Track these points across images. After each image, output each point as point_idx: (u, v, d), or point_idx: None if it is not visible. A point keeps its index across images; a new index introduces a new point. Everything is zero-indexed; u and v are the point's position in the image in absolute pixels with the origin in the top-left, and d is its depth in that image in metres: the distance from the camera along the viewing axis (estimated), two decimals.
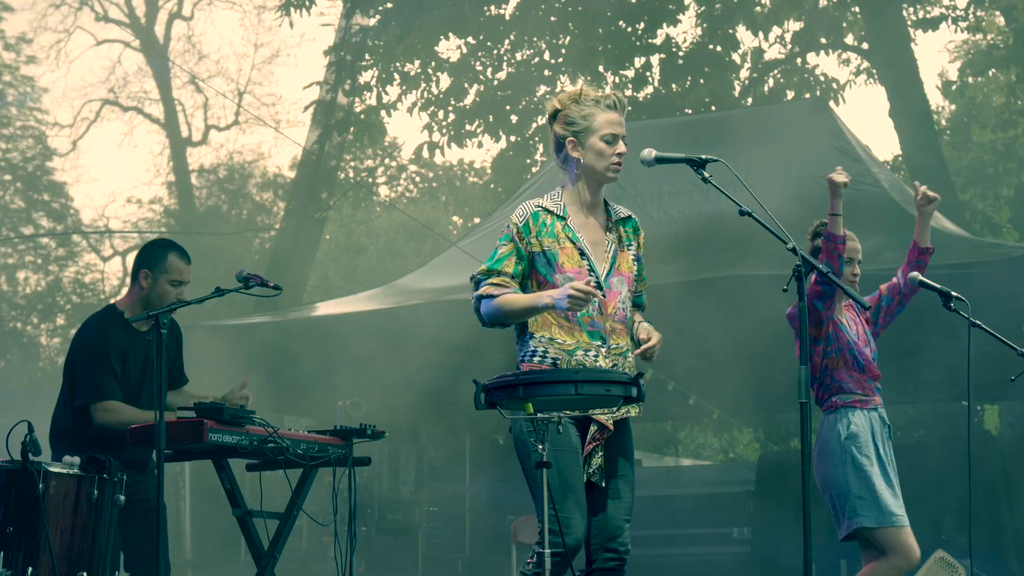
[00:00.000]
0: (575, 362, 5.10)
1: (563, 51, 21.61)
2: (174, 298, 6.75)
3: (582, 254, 5.23)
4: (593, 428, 5.16)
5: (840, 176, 6.61)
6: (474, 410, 4.75)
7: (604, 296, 5.12)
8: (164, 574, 6.24)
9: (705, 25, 21.80)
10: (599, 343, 5.18)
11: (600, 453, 5.17)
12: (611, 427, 5.17)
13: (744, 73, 22.70)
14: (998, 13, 22.74)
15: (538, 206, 5.28)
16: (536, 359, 5.14)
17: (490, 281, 5.18)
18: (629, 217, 5.48)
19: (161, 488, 5.78)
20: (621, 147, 5.27)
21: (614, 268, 5.31)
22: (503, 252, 5.22)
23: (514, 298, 5.13)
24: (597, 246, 5.30)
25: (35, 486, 5.61)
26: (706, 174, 5.12)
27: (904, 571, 6.76)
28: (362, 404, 12.78)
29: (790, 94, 22.04)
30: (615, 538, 5.11)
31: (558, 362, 5.10)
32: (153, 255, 6.85)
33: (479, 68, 21.98)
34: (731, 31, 21.51)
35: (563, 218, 5.26)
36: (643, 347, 5.20)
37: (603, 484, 5.15)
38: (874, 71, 22.09)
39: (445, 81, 22.01)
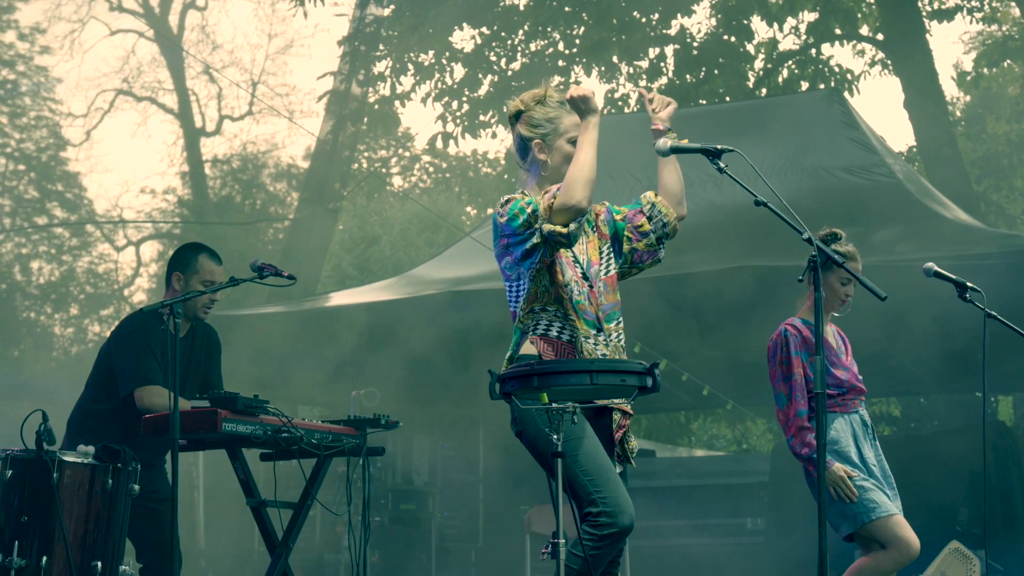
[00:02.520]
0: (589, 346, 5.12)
1: (577, 42, 21.59)
2: (207, 299, 6.83)
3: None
4: (617, 416, 5.18)
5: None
6: (488, 400, 4.75)
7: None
8: (177, 565, 6.25)
9: (720, 16, 21.76)
10: (595, 332, 5.18)
11: (631, 436, 5.22)
12: (631, 411, 5.19)
13: (759, 64, 22.67)
14: (1013, 4, 22.67)
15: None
16: (552, 333, 5.13)
17: (543, 203, 5.08)
18: None
19: (176, 479, 5.79)
20: None
21: (590, 260, 5.30)
22: (525, 202, 5.13)
23: (576, 159, 5.07)
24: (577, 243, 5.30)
25: (50, 475, 5.62)
26: (721, 164, 5.11)
27: (902, 564, 6.77)
28: (376, 394, 12.76)
29: (804, 85, 22.01)
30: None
31: (575, 340, 5.11)
32: (184, 257, 6.95)
33: (493, 58, 21.95)
34: (746, 22, 21.47)
35: None
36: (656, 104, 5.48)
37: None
38: (889, 62, 22.06)
39: (459, 71, 22.00)
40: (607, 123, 5.73)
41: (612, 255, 5.40)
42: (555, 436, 4.64)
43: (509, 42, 21.87)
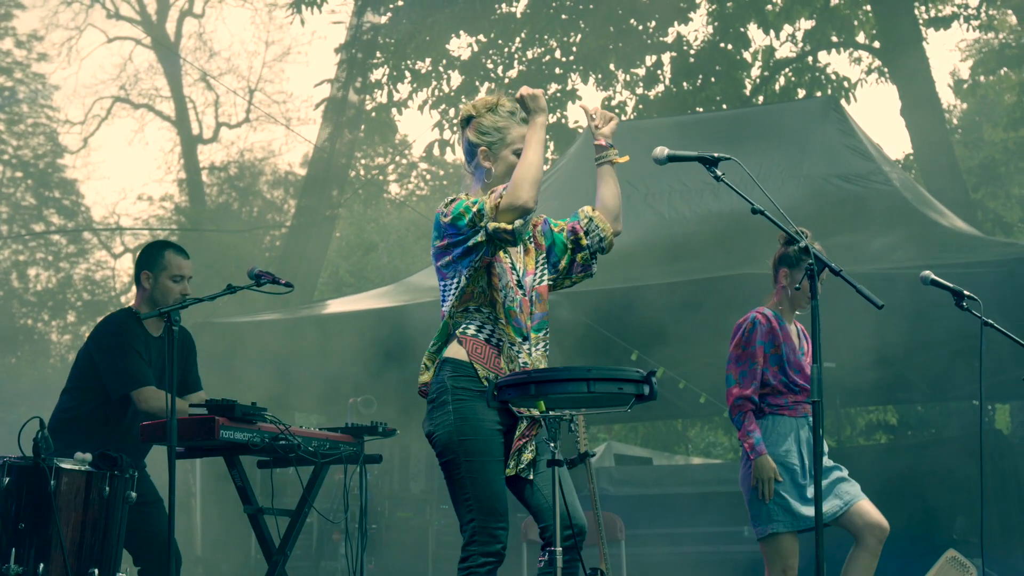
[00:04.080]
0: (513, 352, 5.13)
1: (574, 49, 21.60)
2: (178, 294, 6.85)
3: (504, 251, 5.25)
4: (523, 424, 5.13)
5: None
6: None
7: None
8: (175, 565, 6.24)
9: (716, 24, 21.79)
10: (521, 340, 5.18)
11: (531, 447, 5.14)
12: (542, 423, 5.15)
13: (755, 72, 22.71)
14: (1010, 12, 22.73)
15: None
16: (482, 336, 5.15)
17: (489, 203, 5.09)
18: None
19: (173, 485, 5.79)
20: None
21: (526, 270, 5.31)
22: (471, 202, 5.15)
23: (524, 158, 5.10)
24: (514, 252, 5.32)
25: (47, 482, 5.62)
26: (718, 172, 5.12)
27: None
28: (373, 402, 12.77)
29: (801, 93, 22.03)
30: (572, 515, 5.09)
31: (501, 344, 5.12)
32: (151, 255, 6.96)
33: (490, 66, 21.97)
34: (742, 29, 21.50)
35: None
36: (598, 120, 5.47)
37: (531, 476, 5.14)
38: (885, 70, 22.08)
39: (456, 79, 22.02)
40: None
41: (546, 266, 5.43)
42: (552, 444, 4.64)
43: (506, 50, 21.89)
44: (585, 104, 5.69)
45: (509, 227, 5.01)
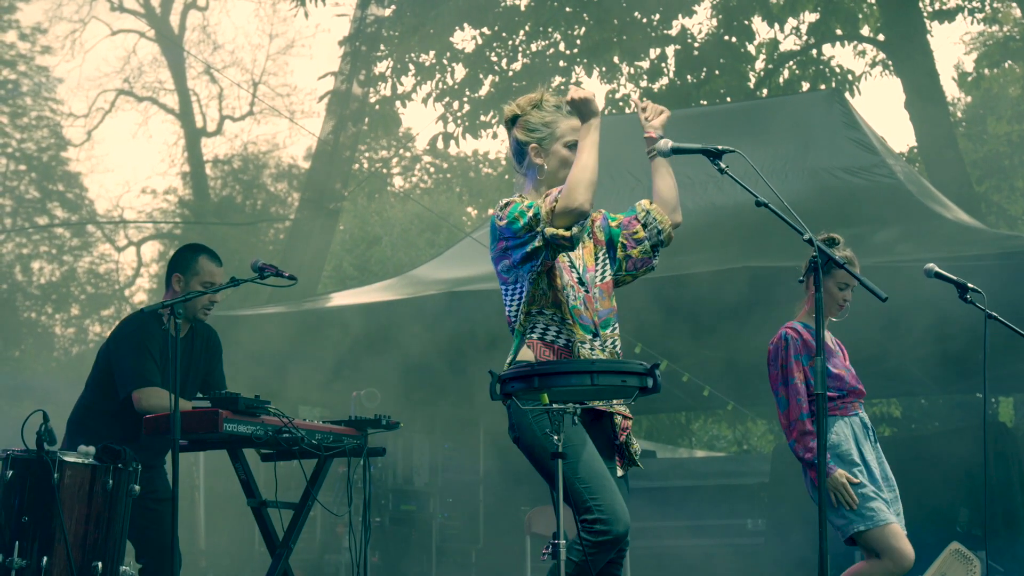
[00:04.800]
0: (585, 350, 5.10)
1: (578, 42, 21.58)
2: (207, 301, 6.82)
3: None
4: (618, 418, 5.17)
5: None
6: (488, 400, 4.74)
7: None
8: (176, 565, 6.25)
9: (720, 16, 21.75)
10: (591, 337, 5.17)
11: (632, 438, 5.20)
12: (630, 414, 5.19)
13: (759, 64, 22.65)
14: (1014, 5, 22.67)
15: None
16: (548, 337, 5.12)
17: (544, 206, 5.06)
18: None
19: (176, 479, 5.79)
20: None
21: (586, 266, 5.29)
22: (526, 206, 5.11)
23: (578, 161, 5.07)
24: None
25: (50, 475, 5.62)
26: (722, 165, 5.11)
27: (895, 574, 6.75)
28: (376, 395, 12.74)
29: (805, 85, 21.99)
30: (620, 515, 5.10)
31: (571, 344, 5.09)
32: (184, 259, 6.95)
33: (494, 59, 21.94)
34: (747, 22, 21.46)
35: None
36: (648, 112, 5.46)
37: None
38: (890, 62, 22.04)
39: (460, 72, 21.98)
40: (607, 124, 5.72)
41: (607, 261, 5.39)
42: (556, 437, 4.63)
43: (510, 42, 21.85)
44: (636, 97, 5.68)
45: (566, 233, 4.97)
